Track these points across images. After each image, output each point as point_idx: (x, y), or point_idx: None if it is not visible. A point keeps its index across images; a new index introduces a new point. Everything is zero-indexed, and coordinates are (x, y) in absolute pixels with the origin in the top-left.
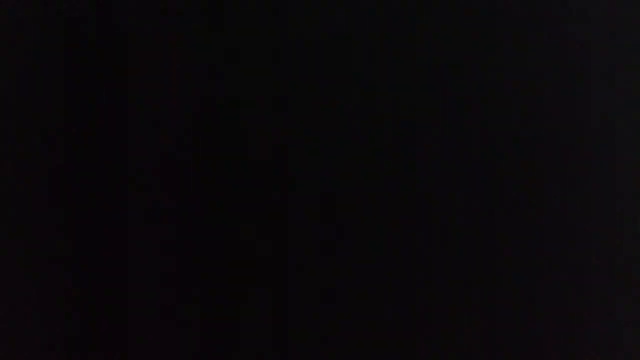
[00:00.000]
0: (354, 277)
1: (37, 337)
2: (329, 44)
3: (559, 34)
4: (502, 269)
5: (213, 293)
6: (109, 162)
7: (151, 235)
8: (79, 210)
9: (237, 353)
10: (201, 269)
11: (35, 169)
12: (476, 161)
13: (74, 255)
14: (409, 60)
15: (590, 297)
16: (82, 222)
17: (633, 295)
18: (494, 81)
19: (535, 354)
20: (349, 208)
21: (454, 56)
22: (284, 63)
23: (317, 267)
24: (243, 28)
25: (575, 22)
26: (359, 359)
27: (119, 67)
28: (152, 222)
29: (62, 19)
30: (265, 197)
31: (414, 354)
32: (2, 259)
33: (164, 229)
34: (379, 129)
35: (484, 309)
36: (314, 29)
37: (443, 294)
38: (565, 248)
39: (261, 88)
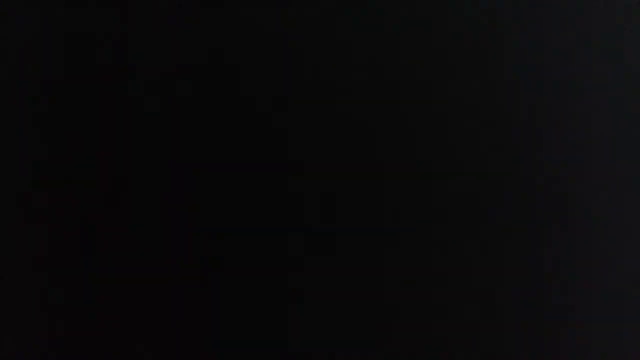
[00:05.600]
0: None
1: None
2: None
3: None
4: (501, 268)
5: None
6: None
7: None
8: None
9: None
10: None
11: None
12: (476, 161)
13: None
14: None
15: (590, 297)
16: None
17: (633, 295)
18: (494, 81)
19: (535, 354)
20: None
21: (454, 55)
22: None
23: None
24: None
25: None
26: (359, 358)
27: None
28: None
29: None
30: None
31: (413, 353)
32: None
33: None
34: (378, 129)
35: (482, 308)
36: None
37: (442, 292)
38: (564, 248)
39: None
